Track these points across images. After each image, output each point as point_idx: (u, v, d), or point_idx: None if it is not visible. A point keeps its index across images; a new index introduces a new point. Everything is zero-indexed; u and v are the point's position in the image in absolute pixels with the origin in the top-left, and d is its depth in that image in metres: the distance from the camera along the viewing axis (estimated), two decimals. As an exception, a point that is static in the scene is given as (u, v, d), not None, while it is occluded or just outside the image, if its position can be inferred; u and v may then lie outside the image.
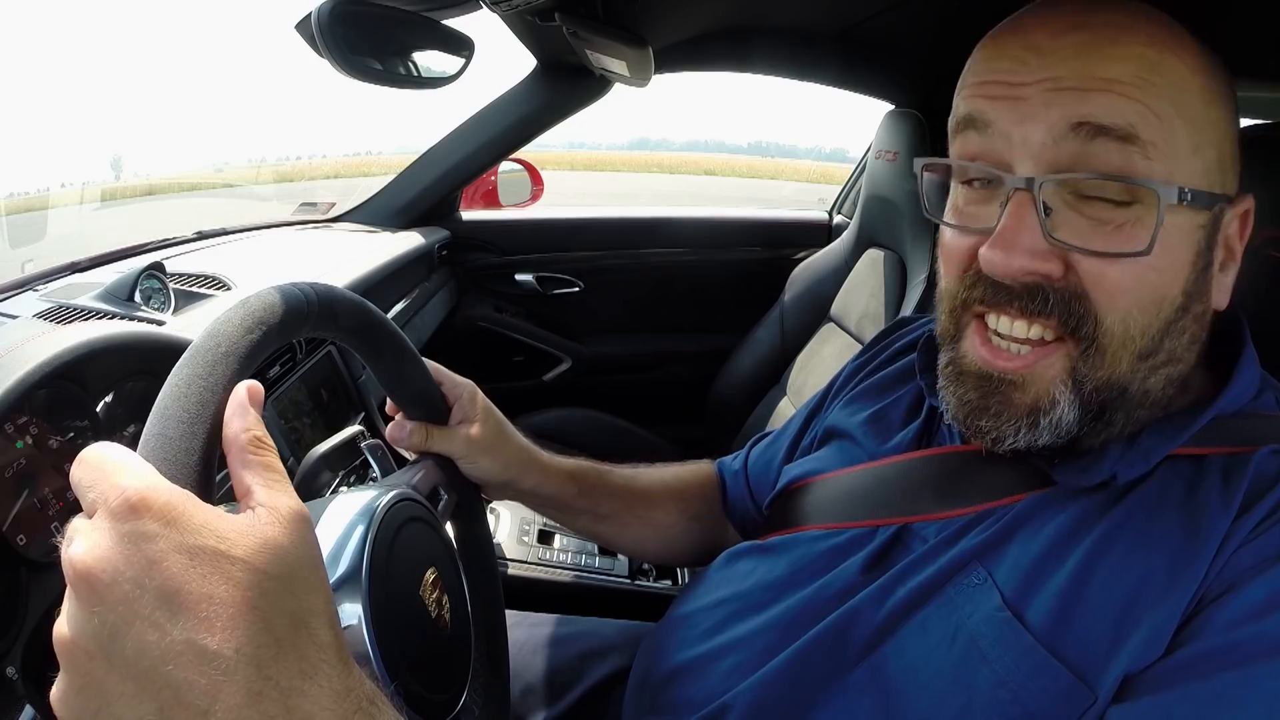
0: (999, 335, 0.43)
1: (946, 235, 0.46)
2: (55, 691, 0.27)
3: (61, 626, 0.27)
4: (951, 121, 0.45)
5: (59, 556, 0.27)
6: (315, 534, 0.31)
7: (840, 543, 0.52)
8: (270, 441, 0.32)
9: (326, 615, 0.29)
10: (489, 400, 0.60)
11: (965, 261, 0.44)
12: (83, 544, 0.27)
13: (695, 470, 0.76)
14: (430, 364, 0.57)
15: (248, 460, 0.31)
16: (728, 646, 0.51)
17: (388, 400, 0.56)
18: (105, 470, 0.28)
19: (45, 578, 0.52)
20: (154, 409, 0.31)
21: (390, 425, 0.56)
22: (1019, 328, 0.42)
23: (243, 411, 0.32)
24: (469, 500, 0.60)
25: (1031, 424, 0.42)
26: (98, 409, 0.60)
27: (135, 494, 0.27)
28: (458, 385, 0.59)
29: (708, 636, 0.53)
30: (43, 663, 0.50)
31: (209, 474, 0.31)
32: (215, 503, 0.29)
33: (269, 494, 0.30)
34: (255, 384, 0.33)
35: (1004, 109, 0.41)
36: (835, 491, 0.56)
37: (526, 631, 0.74)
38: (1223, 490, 0.40)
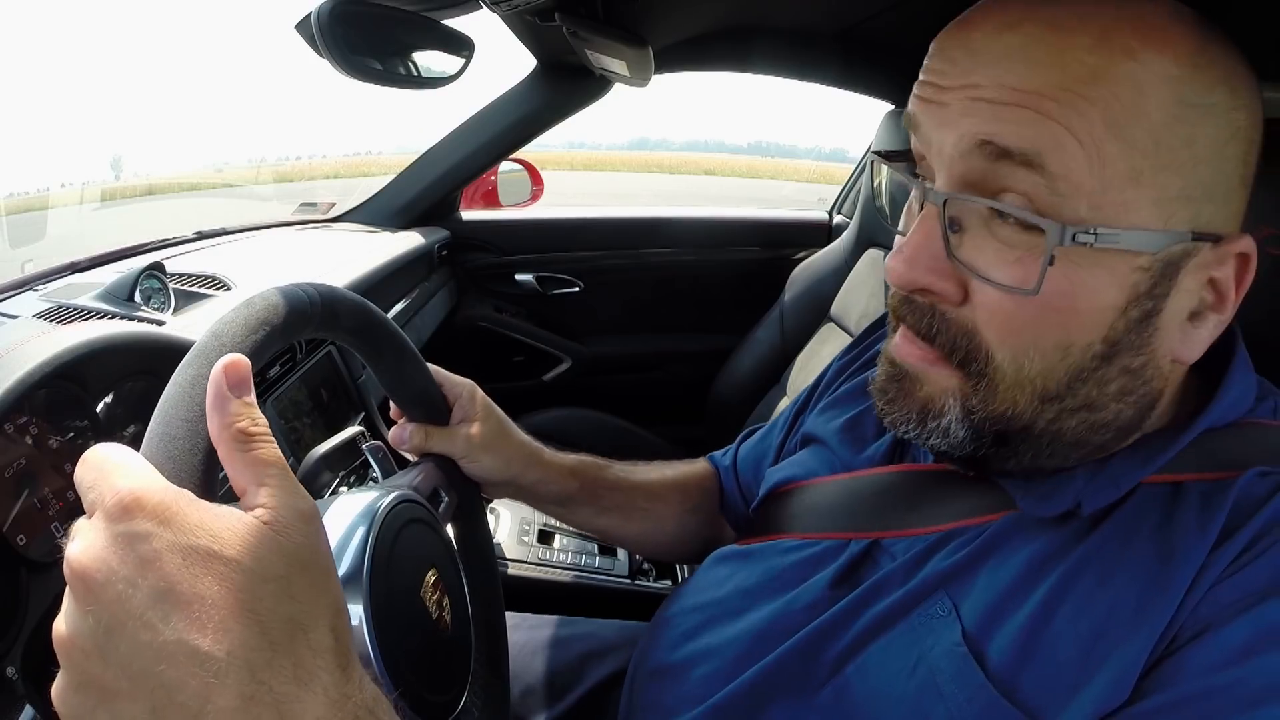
0: None
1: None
2: (55, 688, 0.27)
3: (60, 625, 0.27)
4: None
5: (59, 556, 0.27)
6: (322, 533, 0.30)
7: (812, 555, 0.51)
8: (262, 428, 0.30)
9: (329, 619, 0.28)
10: (489, 398, 0.60)
11: None
12: (80, 544, 0.27)
13: (696, 464, 0.76)
14: (429, 365, 0.57)
15: (237, 457, 0.29)
16: (702, 654, 0.50)
17: (391, 404, 0.57)
18: (104, 471, 0.28)
19: (45, 578, 0.52)
20: (157, 409, 0.31)
21: (393, 429, 0.56)
22: (921, 344, 0.41)
23: (221, 405, 0.29)
24: (469, 501, 0.60)
25: (920, 421, 0.41)
26: (98, 409, 0.60)
27: (129, 494, 0.27)
28: (457, 385, 0.59)
29: (685, 640, 0.53)
30: (43, 662, 0.50)
31: (212, 474, 0.31)
32: (225, 503, 0.29)
33: (266, 492, 0.29)
34: (237, 359, 0.30)
35: (930, 113, 0.39)
36: (811, 501, 0.56)
37: (526, 633, 0.74)
38: (1200, 515, 0.37)
